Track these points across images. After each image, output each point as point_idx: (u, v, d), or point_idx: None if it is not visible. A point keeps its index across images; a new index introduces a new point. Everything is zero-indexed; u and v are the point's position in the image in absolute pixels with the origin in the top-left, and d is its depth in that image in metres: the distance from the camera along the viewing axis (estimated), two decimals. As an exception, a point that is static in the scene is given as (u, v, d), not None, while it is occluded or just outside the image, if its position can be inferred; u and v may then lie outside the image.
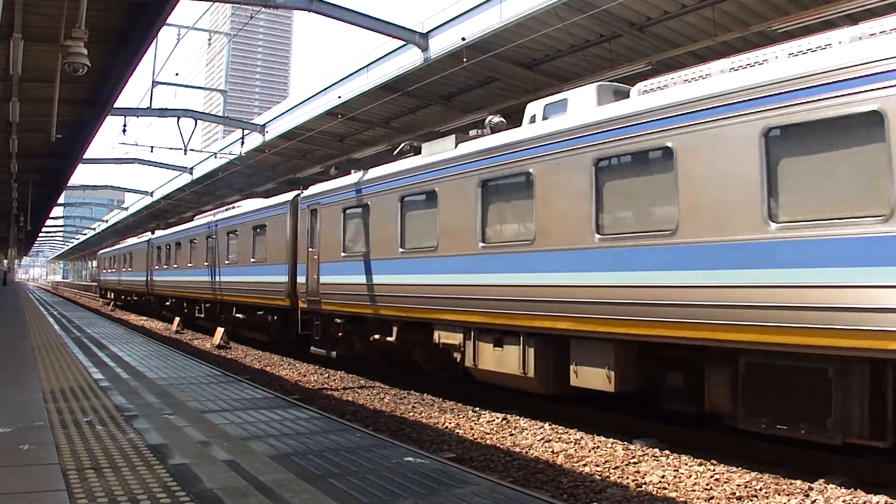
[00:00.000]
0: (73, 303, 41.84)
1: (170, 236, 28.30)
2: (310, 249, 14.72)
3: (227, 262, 20.34)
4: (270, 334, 18.00)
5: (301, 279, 15.07)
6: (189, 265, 24.43)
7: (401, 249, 11.77)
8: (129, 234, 51.20)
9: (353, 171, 14.53)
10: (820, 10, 12.20)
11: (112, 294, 45.33)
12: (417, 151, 12.26)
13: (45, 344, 12.92)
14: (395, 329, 12.10)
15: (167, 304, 28.37)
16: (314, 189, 15.30)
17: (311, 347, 14.94)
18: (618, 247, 8.03)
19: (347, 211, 13.64)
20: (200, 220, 24.30)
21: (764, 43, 14.15)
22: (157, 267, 29.93)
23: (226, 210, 22.08)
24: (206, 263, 22.29)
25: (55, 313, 24.53)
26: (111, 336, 15.33)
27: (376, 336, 12.59)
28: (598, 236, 8.27)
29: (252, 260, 18.29)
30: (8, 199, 29.77)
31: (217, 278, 21.07)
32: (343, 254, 13.52)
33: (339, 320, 13.86)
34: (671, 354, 7.79)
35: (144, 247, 32.77)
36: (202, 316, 23.18)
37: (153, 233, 33.76)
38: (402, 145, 13.23)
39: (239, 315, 19.56)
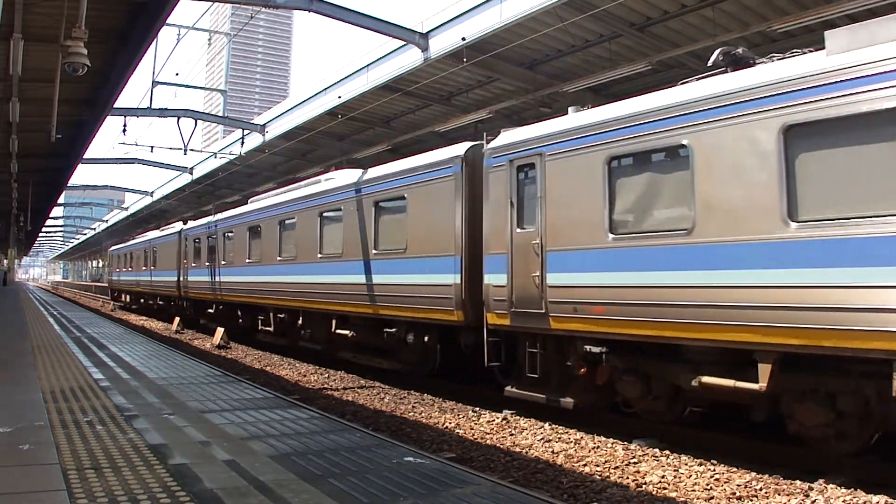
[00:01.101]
0: (72, 303, 41.83)
1: (216, 225, 22.29)
2: (517, 231, 9.41)
3: (320, 255, 14.64)
4: (406, 362, 12.40)
5: (494, 279, 9.70)
6: (248, 261, 18.65)
7: (795, 224, 6.48)
8: (148, 226, 48.40)
9: (577, 106, 9.71)
10: (820, 10, 12.21)
11: (128, 297, 39.02)
12: (737, 63, 7.72)
13: (45, 344, 12.92)
14: (766, 368, 6.78)
15: (209, 311, 22.70)
16: (523, 133, 9.65)
17: (509, 388, 9.67)
18: None
19: (622, 162, 8.15)
20: (266, 201, 18.43)
21: (764, 43, 14.22)
22: (194, 265, 23.90)
23: (309, 185, 16.25)
24: (279, 258, 16.68)
25: (55, 313, 24.52)
26: (111, 336, 15.32)
27: (712, 379, 7.25)
28: None
29: (374, 252, 12.64)
30: (8, 199, 29.78)
31: (301, 278, 15.35)
32: (613, 235, 8.08)
33: (593, 348, 8.39)
34: None
35: (174, 240, 26.70)
36: (270, 329, 17.55)
37: (185, 223, 27.54)
38: (716, 54, 8.04)
39: (344, 332, 13.87)
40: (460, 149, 10.94)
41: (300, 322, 15.78)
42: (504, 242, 9.59)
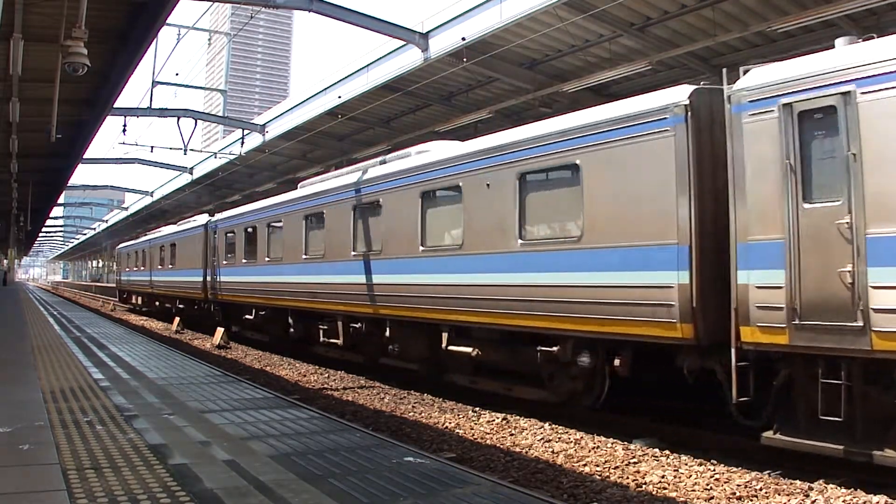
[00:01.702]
0: (72, 303, 41.84)
1: (258, 214, 18.26)
2: (804, 206, 6.61)
3: (423, 248, 11.28)
4: (562, 391, 9.47)
5: (759, 277, 6.83)
6: (306, 257, 15.09)
7: None
8: (161, 220, 45.98)
9: None
10: (820, 10, 12.21)
11: (139, 299, 34.98)
12: None
13: (44, 344, 12.92)
14: None
15: (247, 317, 18.93)
16: (807, 65, 6.81)
17: (770, 435, 6.93)
18: None
19: None
20: (332, 182, 14.61)
21: (764, 43, 14.24)
22: (226, 262, 20.30)
23: (401, 158, 12.79)
24: (353, 254, 13.17)
25: (55, 313, 24.52)
26: (111, 336, 15.32)
27: None
28: None
29: (521, 242, 9.37)
30: (8, 199, 29.79)
31: (392, 278, 12.01)
32: None
33: None
34: None
35: (199, 234, 23.01)
36: (338, 342, 14.09)
37: (212, 214, 23.99)
38: None
39: (463, 349, 10.65)
40: (680, 93, 7.71)
41: (387, 334, 12.31)
42: (778, 223, 6.68)
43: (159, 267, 28.58)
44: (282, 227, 16.69)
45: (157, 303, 30.36)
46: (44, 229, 65.87)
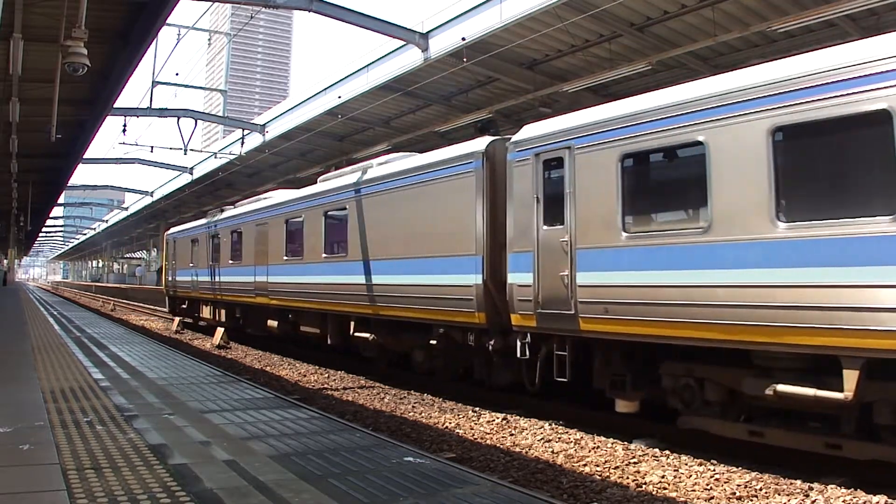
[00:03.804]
0: (72, 302, 41.85)
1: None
2: None
3: None
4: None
5: None
6: None
7: None
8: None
9: None
10: (820, 10, 12.21)
11: (225, 314, 20.34)
12: None
13: (45, 344, 12.92)
14: None
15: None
16: None
17: None
18: None
19: None
20: None
21: (764, 43, 14.24)
22: (641, 232, 7.54)
23: None
24: None
25: (55, 313, 24.52)
26: (111, 336, 15.32)
27: None
28: None
29: None
30: (8, 199, 29.81)
31: None
32: None
33: None
34: None
35: (459, 179, 10.03)
36: None
37: (489, 131, 12.28)
38: None
39: None
40: None
41: None
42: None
43: (285, 258, 15.74)
44: None
45: (275, 323, 16.70)
46: (44, 229, 65.95)
